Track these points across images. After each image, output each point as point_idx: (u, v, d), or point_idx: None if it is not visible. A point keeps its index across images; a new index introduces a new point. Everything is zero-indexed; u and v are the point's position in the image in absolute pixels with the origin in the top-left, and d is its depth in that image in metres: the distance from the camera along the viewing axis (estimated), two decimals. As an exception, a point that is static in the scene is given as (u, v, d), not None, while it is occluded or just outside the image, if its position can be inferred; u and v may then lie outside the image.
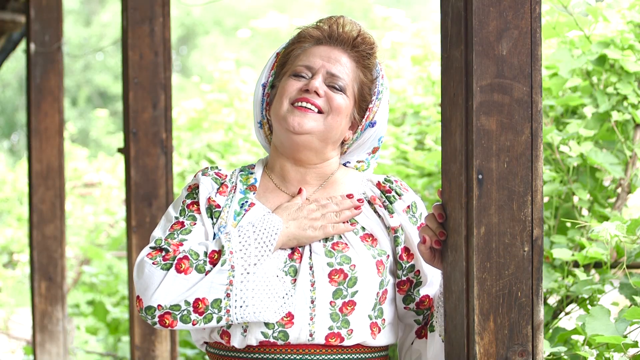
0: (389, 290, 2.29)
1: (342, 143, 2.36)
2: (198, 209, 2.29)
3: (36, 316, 5.37)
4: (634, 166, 3.53)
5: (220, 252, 2.16)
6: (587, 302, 3.31)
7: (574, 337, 3.18)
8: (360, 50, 2.33)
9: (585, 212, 3.59)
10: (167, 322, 2.16)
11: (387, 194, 2.32)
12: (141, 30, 3.86)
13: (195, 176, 2.35)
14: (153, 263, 2.18)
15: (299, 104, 2.26)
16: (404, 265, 2.29)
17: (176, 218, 2.29)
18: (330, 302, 2.19)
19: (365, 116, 2.34)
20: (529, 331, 1.94)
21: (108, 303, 6.92)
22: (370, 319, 2.24)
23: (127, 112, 3.87)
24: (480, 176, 1.92)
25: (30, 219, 5.42)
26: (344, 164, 2.41)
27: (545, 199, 3.54)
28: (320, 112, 2.26)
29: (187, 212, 2.29)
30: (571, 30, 3.69)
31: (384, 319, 2.28)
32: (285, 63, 2.35)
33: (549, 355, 2.89)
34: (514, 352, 1.94)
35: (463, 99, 1.94)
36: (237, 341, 2.21)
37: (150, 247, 2.22)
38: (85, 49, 20.30)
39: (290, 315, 2.18)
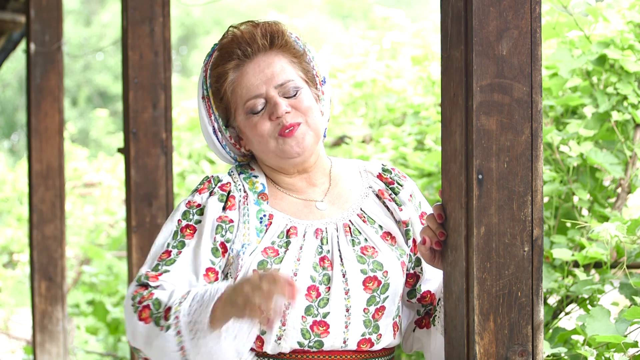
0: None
1: None
2: (191, 234, 2.21)
3: (36, 316, 5.37)
4: (634, 166, 3.53)
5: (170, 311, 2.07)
6: (587, 302, 3.31)
7: (574, 337, 3.18)
8: (276, 43, 2.25)
9: (585, 212, 3.59)
10: None
11: (390, 186, 2.33)
12: (141, 30, 3.86)
13: (199, 192, 2.25)
14: (132, 305, 2.14)
15: (282, 133, 2.21)
16: (412, 257, 2.32)
17: (167, 245, 2.21)
18: (364, 309, 2.20)
19: (318, 82, 2.31)
20: (529, 331, 1.94)
21: (108, 303, 6.92)
22: (393, 319, 2.26)
23: (127, 112, 3.87)
24: (480, 176, 1.92)
25: (30, 219, 5.42)
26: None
27: (545, 199, 3.54)
28: (299, 123, 2.23)
29: (178, 237, 2.21)
30: (571, 30, 3.69)
31: (399, 316, 2.30)
32: (225, 103, 2.27)
33: (549, 355, 2.89)
34: (514, 352, 1.94)
35: (463, 99, 1.94)
36: (269, 347, 2.18)
37: (136, 285, 2.18)
38: (85, 49, 20.30)
39: (325, 325, 2.17)
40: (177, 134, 7.36)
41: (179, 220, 2.23)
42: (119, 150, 4.07)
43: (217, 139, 2.30)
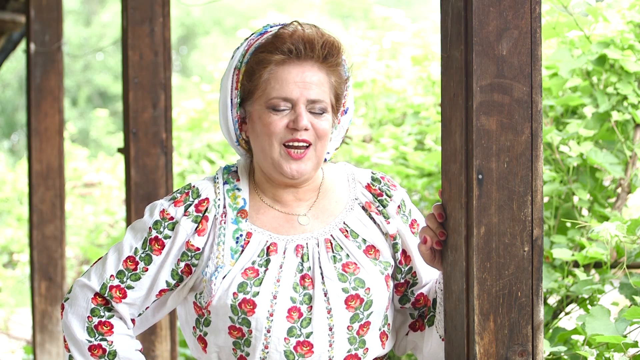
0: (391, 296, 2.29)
1: None
2: (159, 250, 2.22)
3: (36, 316, 5.37)
4: (634, 166, 3.53)
5: None
6: (587, 302, 3.31)
7: (574, 337, 3.18)
8: (329, 61, 2.21)
9: (585, 212, 3.59)
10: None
11: (379, 198, 2.28)
12: (141, 30, 3.86)
13: (175, 204, 2.25)
14: (88, 317, 2.23)
15: (291, 144, 2.18)
16: (403, 269, 2.29)
17: (135, 251, 2.23)
18: (348, 327, 2.18)
19: (340, 111, 2.28)
20: (529, 331, 1.94)
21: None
22: (380, 330, 2.24)
23: (127, 112, 3.87)
24: (480, 176, 1.92)
25: (30, 219, 5.42)
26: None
27: (545, 199, 3.55)
28: (309, 144, 2.19)
29: (146, 248, 2.23)
30: (571, 30, 3.69)
31: (389, 324, 2.28)
32: (252, 86, 2.22)
33: (549, 355, 2.89)
34: (514, 352, 1.94)
35: (463, 99, 1.94)
36: None
37: (97, 292, 2.23)
38: (85, 49, 20.31)
39: (309, 345, 2.15)
40: (177, 134, 7.37)
41: (150, 228, 2.24)
42: (119, 150, 4.08)
43: (232, 113, 2.25)
